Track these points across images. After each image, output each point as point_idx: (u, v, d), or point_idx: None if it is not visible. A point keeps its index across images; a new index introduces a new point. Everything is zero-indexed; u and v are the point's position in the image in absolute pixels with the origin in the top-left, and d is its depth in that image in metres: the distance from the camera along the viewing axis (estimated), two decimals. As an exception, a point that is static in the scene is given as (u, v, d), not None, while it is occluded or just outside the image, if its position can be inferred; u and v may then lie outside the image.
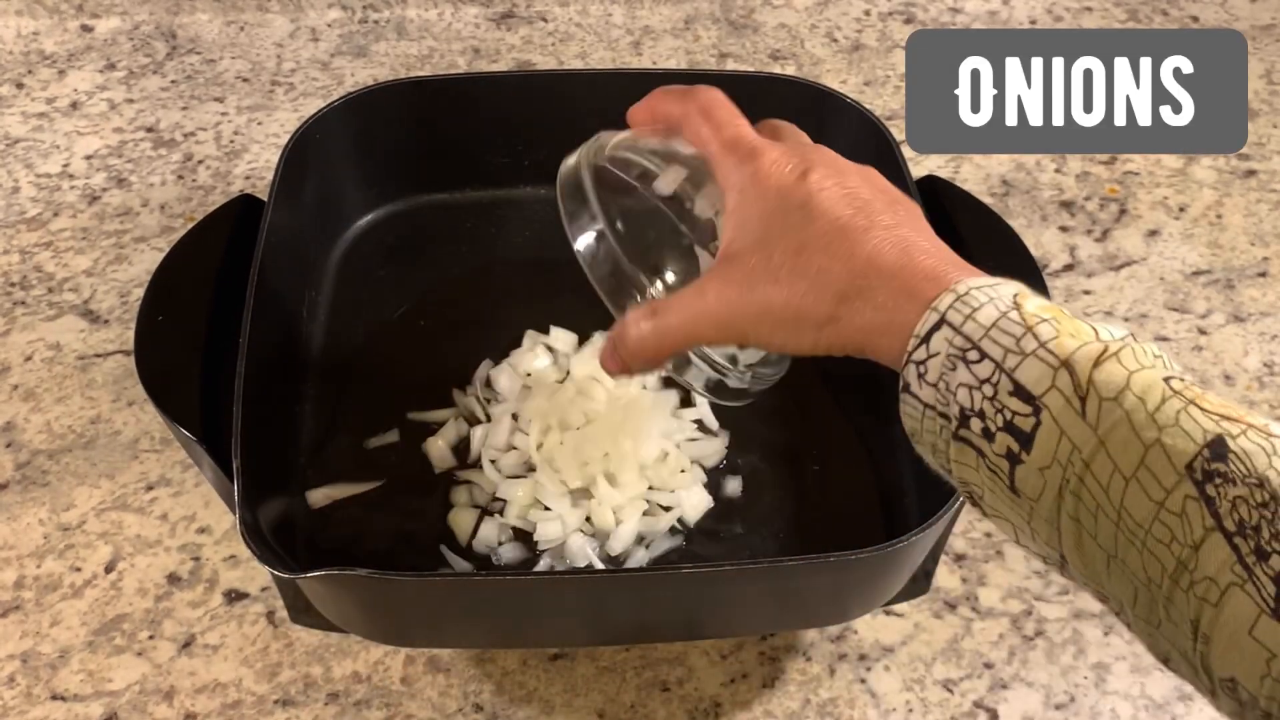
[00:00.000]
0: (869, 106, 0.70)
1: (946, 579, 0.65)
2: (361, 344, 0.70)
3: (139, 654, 0.61)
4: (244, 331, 0.56)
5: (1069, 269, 0.83)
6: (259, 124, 0.91)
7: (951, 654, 0.63)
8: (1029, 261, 0.62)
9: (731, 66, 0.97)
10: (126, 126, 0.91)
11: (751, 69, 0.96)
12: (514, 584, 0.54)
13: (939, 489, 0.44)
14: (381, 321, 0.71)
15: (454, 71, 0.95)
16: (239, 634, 0.62)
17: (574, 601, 0.55)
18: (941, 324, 0.37)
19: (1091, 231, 0.85)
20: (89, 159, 0.88)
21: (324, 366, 0.69)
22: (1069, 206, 0.87)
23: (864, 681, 0.61)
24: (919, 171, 0.67)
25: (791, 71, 0.97)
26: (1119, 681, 0.62)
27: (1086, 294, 0.81)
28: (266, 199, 0.63)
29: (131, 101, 0.93)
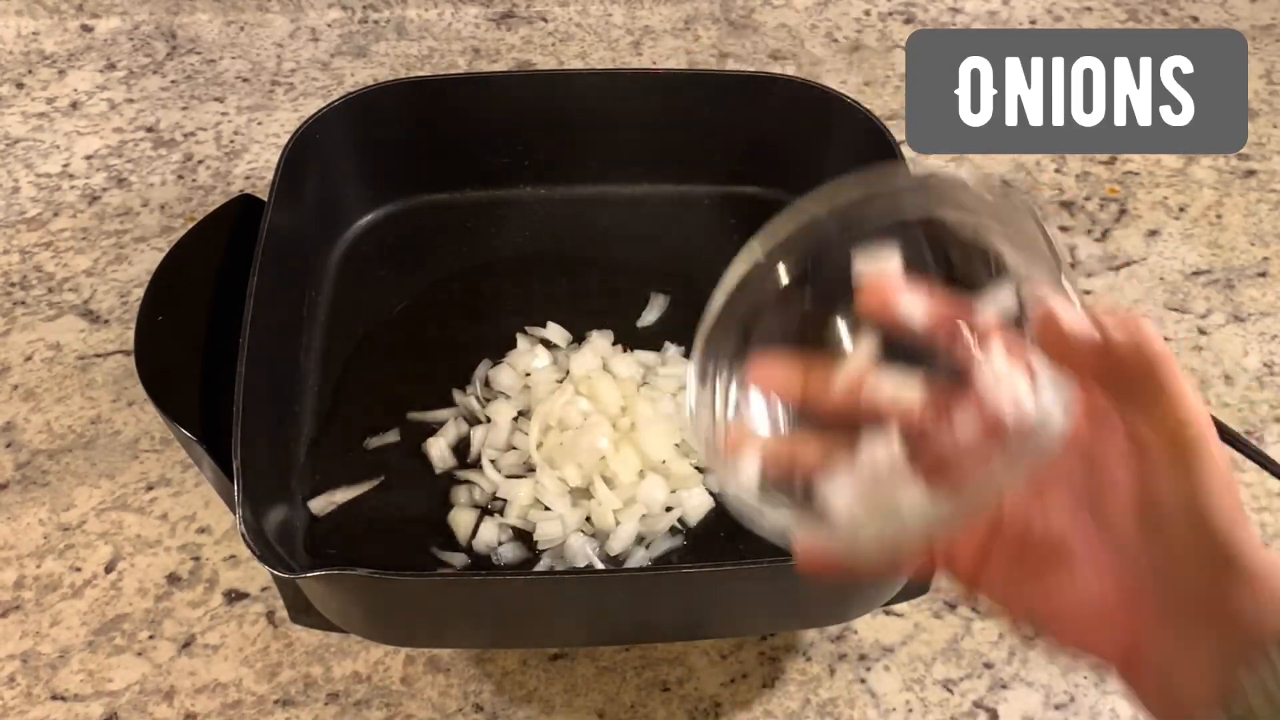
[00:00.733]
0: (869, 106, 0.70)
1: (946, 579, 0.65)
2: (361, 344, 0.70)
3: (139, 654, 0.61)
4: (244, 331, 0.56)
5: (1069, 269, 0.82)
6: (259, 124, 0.91)
7: (951, 654, 0.63)
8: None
9: (731, 66, 0.97)
10: (126, 126, 0.91)
11: (751, 69, 0.96)
12: (514, 584, 0.54)
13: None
14: (381, 321, 0.71)
15: (454, 71, 0.95)
16: (239, 634, 0.62)
17: (574, 601, 0.55)
18: None
19: (1091, 231, 0.85)
20: (89, 159, 0.88)
21: (324, 366, 0.69)
22: (1069, 206, 0.87)
23: (864, 681, 0.61)
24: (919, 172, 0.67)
25: (791, 71, 0.97)
26: (1119, 681, 0.61)
27: (1086, 294, 0.81)
28: (266, 199, 0.64)
29: (131, 101, 0.93)
